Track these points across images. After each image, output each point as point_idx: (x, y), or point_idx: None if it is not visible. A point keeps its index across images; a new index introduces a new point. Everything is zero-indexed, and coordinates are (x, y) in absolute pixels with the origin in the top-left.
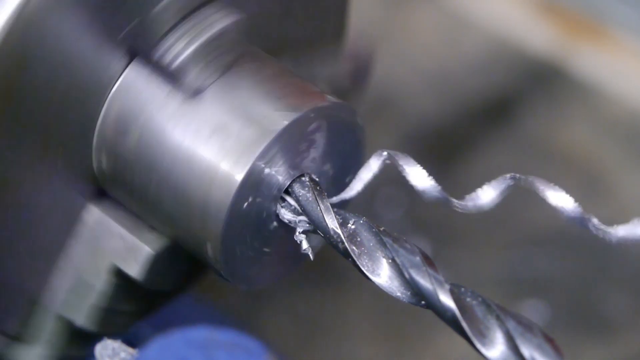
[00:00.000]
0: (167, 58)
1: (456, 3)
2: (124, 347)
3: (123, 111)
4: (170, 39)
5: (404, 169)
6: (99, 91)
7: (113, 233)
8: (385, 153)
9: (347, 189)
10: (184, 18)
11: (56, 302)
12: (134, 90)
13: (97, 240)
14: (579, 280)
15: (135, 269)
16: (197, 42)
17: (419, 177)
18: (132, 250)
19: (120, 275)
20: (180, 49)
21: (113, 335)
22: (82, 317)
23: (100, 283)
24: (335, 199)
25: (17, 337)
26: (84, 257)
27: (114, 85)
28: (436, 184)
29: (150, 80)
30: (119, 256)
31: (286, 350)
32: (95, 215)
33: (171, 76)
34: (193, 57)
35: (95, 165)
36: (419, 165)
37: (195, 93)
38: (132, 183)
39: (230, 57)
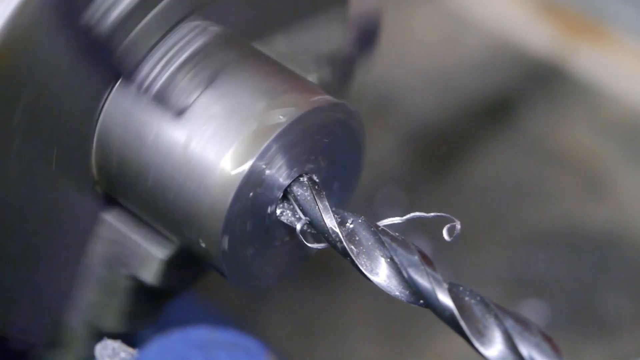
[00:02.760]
0: (148, 80)
1: (456, 3)
2: (124, 347)
3: (114, 133)
4: (151, 60)
5: None
6: (89, 112)
7: (126, 241)
8: None
9: None
10: (161, 39)
11: (82, 310)
12: (121, 113)
13: (112, 248)
14: (579, 280)
15: (149, 276)
16: (177, 60)
17: None
18: (145, 258)
19: (137, 280)
20: (160, 69)
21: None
22: (109, 323)
23: (120, 289)
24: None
25: (49, 345)
26: (102, 264)
27: (102, 107)
28: None
29: (134, 104)
30: (133, 265)
31: (286, 350)
32: (108, 224)
33: (155, 97)
34: (174, 76)
35: (97, 180)
36: None
37: (180, 112)
38: (134, 189)
39: (213, 68)
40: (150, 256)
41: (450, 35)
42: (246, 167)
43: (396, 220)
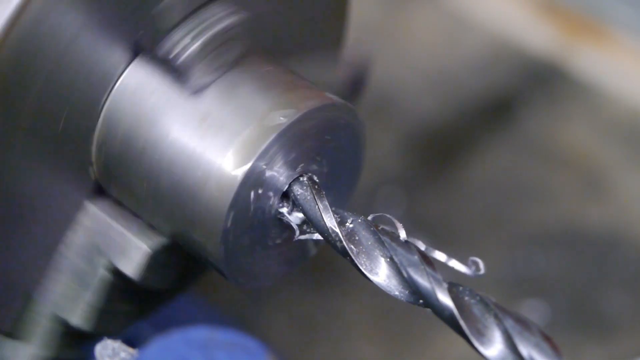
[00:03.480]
0: (172, 53)
1: (456, 3)
2: (124, 347)
3: (124, 109)
4: (176, 35)
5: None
6: (100, 88)
7: (110, 231)
8: None
9: None
10: (190, 14)
11: (51, 300)
12: (135, 88)
13: (94, 238)
14: (579, 280)
15: (131, 268)
16: (202, 37)
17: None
18: (129, 249)
19: (116, 274)
20: (185, 44)
21: (112, 335)
22: (77, 317)
23: (95, 281)
24: None
25: (10, 334)
26: (79, 254)
27: (115, 82)
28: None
29: (151, 78)
30: (115, 254)
31: (286, 350)
32: (92, 213)
33: (175, 72)
34: (198, 53)
35: (94, 162)
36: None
37: (199, 89)
38: (132, 181)
39: (234, 54)
40: (135, 247)
41: (450, 35)
42: (246, 167)
43: (441, 257)
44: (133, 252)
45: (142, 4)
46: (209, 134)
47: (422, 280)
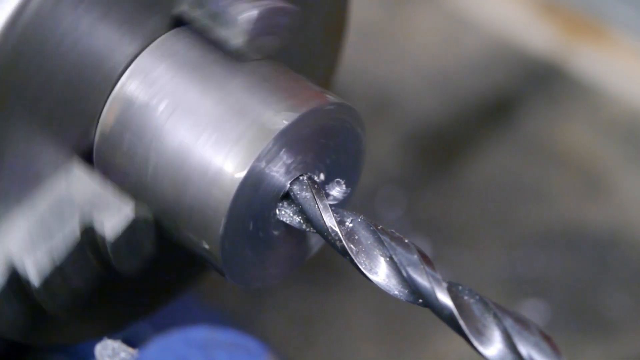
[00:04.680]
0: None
1: (456, 3)
2: (124, 347)
3: (128, 102)
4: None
5: None
6: (109, 73)
7: (95, 191)
8: None
9: None
10: None
11: (7, 244)
12: (141, 81)
13: (75, 191)
14: (579, 280)
15: (110, 226)
16: (263, 6)
17: None
18: (112, 208)
19: (86, 235)
20: (246, 5)
21: (113, 335)
22: (31, 265)
23: (62, 233)
24: None
25: None
26: (53, 207)
27: (123, 72)
28: None
29: (159, 73)
30: (95, 209)
31: (286, 350)
32: (77, 174)
33: (226, 24)
34: (254, 22)
35: (95, 144)
36: None
37: (247, 54)
38: (130, 174)
39: (280, 39)
40: (118, 208)
41: (450, 35)
42: (246, 167)
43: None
44: (115, 212)
45: None
46: (208, 135)
47: (422, 280)
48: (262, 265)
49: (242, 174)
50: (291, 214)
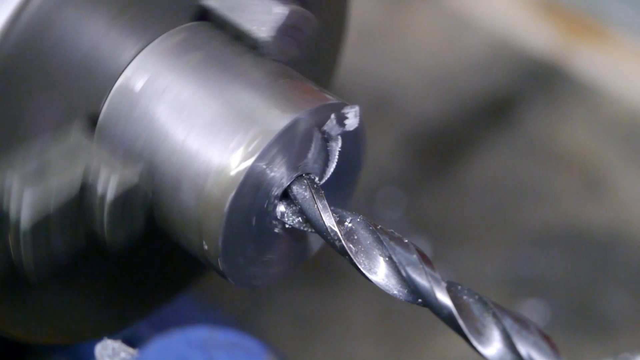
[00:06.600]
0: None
1: (456, 3)
2: (124, 347)
3: (130, 99)
4: None
5: None
6: (111, 70)
7: (102, 153)
8: None
9: None
10: None
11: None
12: (146, 77)
13: (82, 150)
14: (579, 280)
15: (111, 185)
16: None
17: None
18: (117, 169)
19: (83, 192)
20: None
21: (113, 336)
22: (28, 199)
23: (63, 179)
24: None
25: None
26: (62, 150)
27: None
28: None
29: (161, 72)
30: (102, 166)
31: (286, 350)
32: (80, 139)
33: (254, 17)
34: (286, 16)
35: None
36: None
37: (269, 50)
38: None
39: (300, 49)
40: (124, 172)
41: (450, 35)
42: (246, 167)
43: None
44: (120, 173)
45: None
46: (208, 135)
47: (421, 279)
48: (262, 265)
49: (241, 174)
50: (291, 214)
